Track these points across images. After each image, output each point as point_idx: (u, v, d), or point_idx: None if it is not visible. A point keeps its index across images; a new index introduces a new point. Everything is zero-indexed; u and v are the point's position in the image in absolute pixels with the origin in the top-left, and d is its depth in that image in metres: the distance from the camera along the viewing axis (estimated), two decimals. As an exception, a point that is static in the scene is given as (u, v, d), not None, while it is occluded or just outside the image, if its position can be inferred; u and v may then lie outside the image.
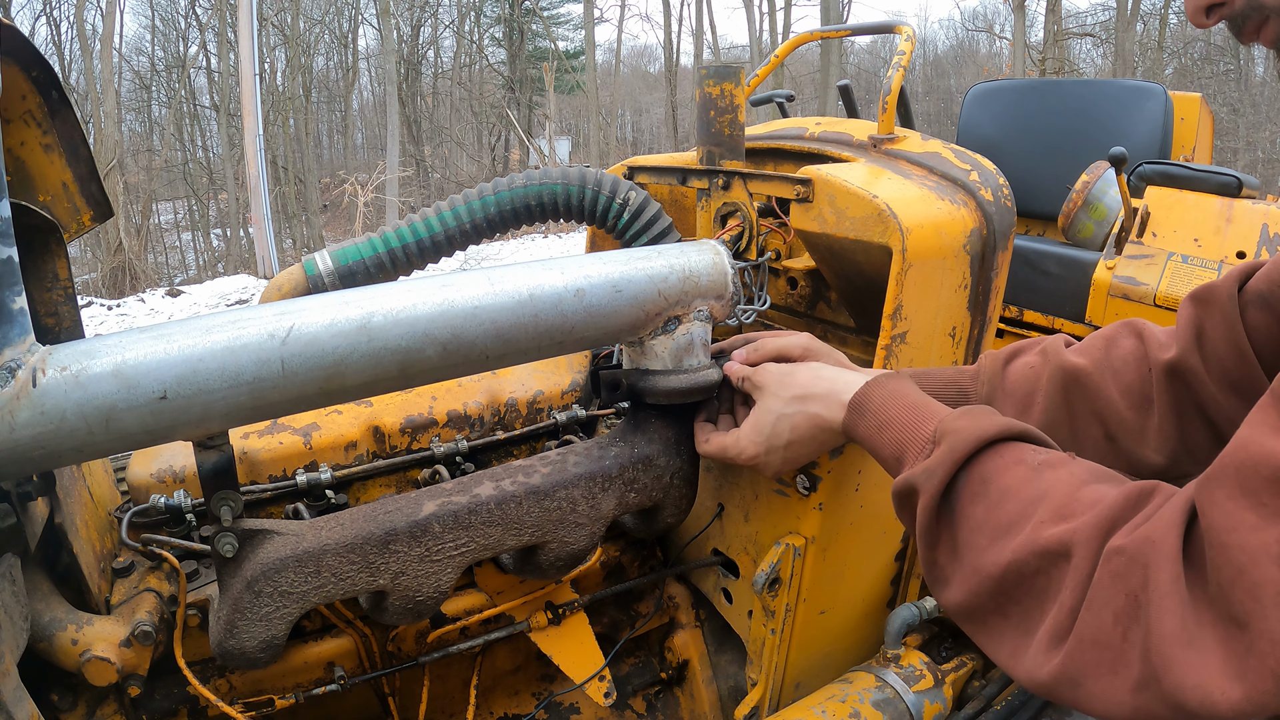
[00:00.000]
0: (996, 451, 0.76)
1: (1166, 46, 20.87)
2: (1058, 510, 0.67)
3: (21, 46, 0.87)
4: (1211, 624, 0.52)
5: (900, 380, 0.93)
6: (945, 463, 0.76)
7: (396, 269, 1.23)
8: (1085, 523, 0.64)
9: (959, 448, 0.76)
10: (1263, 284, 0.89)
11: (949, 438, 0.78)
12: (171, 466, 1.18)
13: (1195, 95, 3.71)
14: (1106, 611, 0.58)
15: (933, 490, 0.76)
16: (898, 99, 1.56)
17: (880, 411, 0.90)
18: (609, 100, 24.35)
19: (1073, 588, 0.62)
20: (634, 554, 1.55)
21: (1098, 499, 0.66)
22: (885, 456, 0.89)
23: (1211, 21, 0.71)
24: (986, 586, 0.70)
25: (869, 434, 0.91)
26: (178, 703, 1.14)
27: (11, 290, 0.71)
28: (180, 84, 21.08)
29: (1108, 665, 0.57)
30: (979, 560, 0.71)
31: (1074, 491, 0.68)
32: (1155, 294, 2.50)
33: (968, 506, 0.74)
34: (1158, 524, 0.58)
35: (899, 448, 0.86)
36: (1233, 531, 0.52)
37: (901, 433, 0.86)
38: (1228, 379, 0.88)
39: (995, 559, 0.69)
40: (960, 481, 0.75)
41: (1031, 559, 0.66)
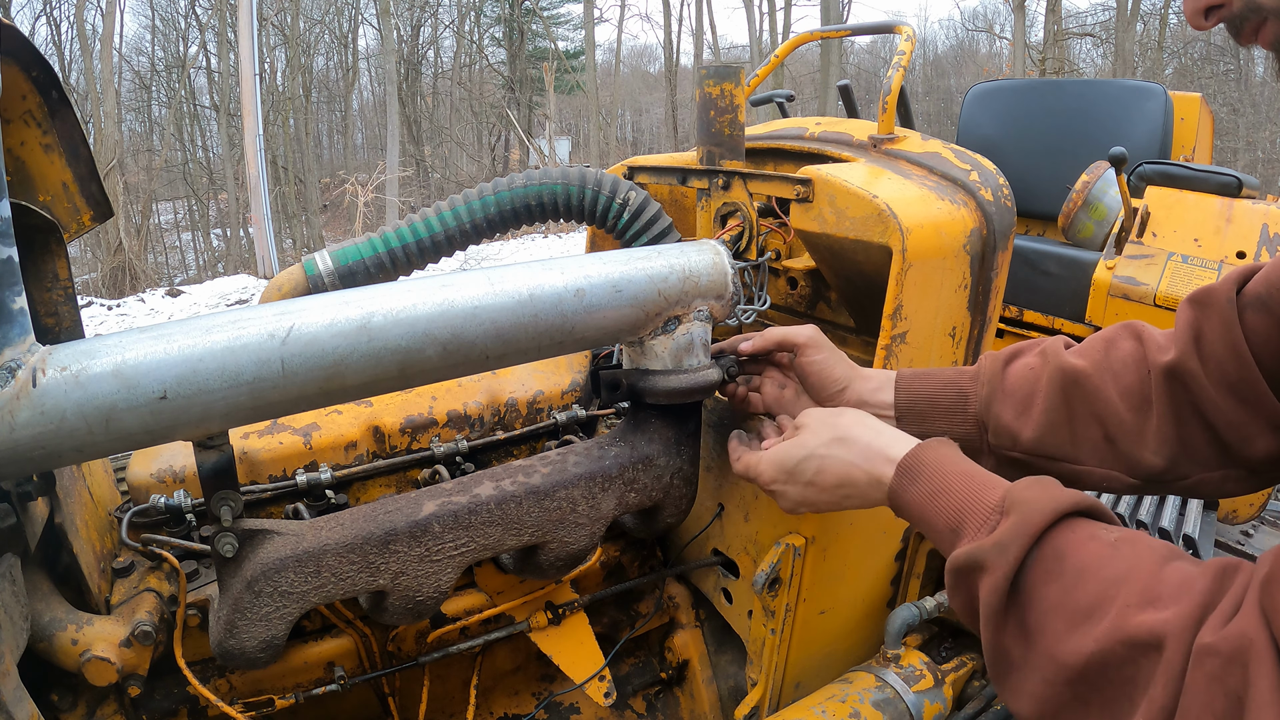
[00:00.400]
0: (1069, 526, 0.71)
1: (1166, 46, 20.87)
2: (1143, 594, 0.63)
3: (21, 46, 0.87)
4: None
5: (950, 446, 0.88)
6: (1020, 536, 0.70)
7: (396, 269, 1.23)
8: (1178, 613, 0.60)
9: (1034, 520, 0.70)
10: (1261, 287, 0.88)
11: (1020, 508, 0.72)
12: (171, 466, 1.18)
13: (1195, 95, 3.71)
14: (1207, 715, 0.55)
15: (1006, 567, 0.69)
16: (898, 99, 1.56)
17: (935, 477, 0.84)
18: (609, 100, 24.35)
19: (1165, 683, 0.58)
20: (634, 554, 1.55)
21: (1184, 580, 0.62)
22: (939, 528, 0.82)
23: (1210, 23, 0.70)
24: (1064, 676, 0.65)
25: (920, 501, 0.84)
26: (178, 703, 1.14)
27: (11, 290, 0.71)
28: (180, 84, 21.08)
29: None
30: (1056, 648, 0.66)
31: (1157, 572, 0.64)
32: (1155, 294, 2.50)
33: (1041, 586, 0.68)
34: (1250, 619, 0.55)
35: (957, 518, 0.79)
36: None
37: (960, 501, 0.79)
38: (1226, 381, 0.88)
39: (1077, 648, 0.64)
40: (1032, 558, 0.70)
41: (1119, 648, 0.62)
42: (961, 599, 0.76)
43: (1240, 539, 1.98)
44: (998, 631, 0.70)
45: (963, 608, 0.76)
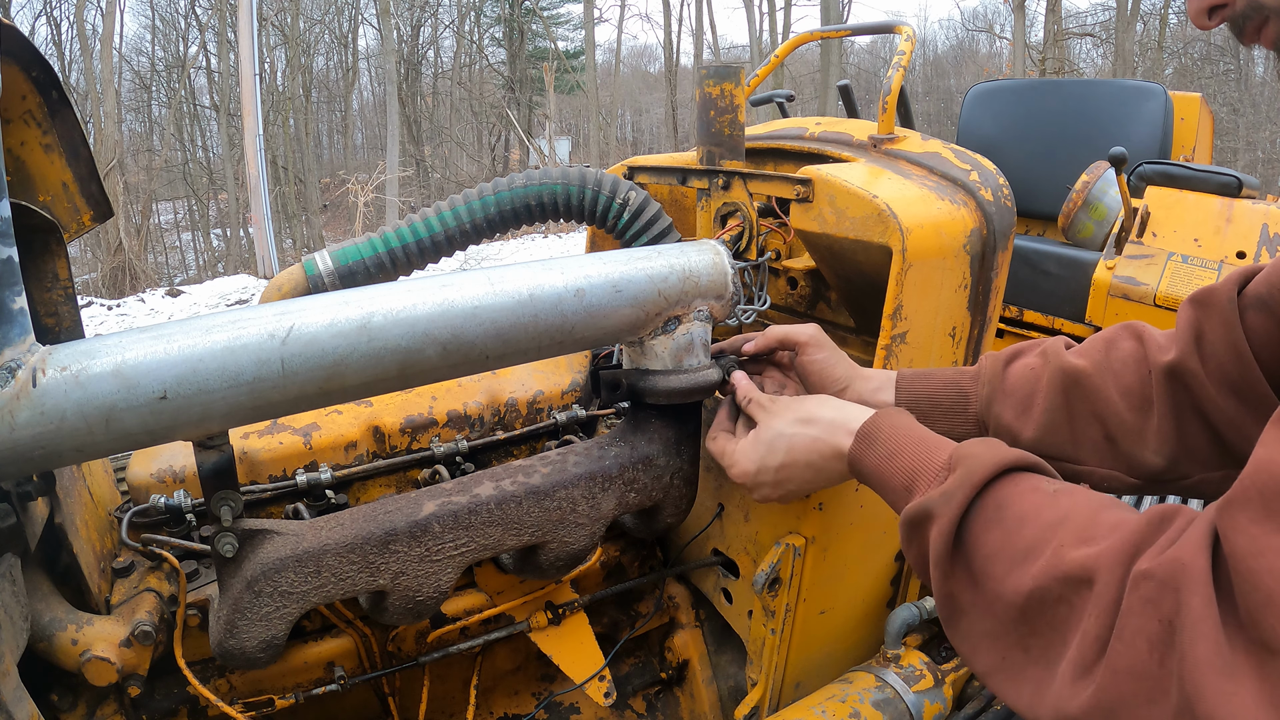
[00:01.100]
0: (1011, 479, 0.75)
1: (1166, 46, 20.87)
2: (1078, 534, 0.65)
3: (21, 46, 0.87)
4: (1244, 651, 0.51)
5: (907, 415, 0.92)
6: (963, 486, 0.74)
7: (396, 269, 1.23)
8: (1109, 547, 0.62)
9: (976, 472, 0.74)
10: (1262, 287, 0.89)
11: (965, 463, 0.77)
12: (171, 466, 1.18)
13: (1195, 95, 3.71)
14: (1140, 639, 0.56)
15: (950, 515, 0.73)
16: (898, 99, 1.56)
17: (890, 440, 0.88)
18: (609, 100, 24.36)
19: (1097, 615, 0.60)
20: (634, 554, 1.55)
21: (1119, 522, 0.64)
22: (894, 486, 0.86)
23: (1214, 23, 0.71)
24: (1009, 616, 0.68)
25: (877, 463, 0.89)
26: (178, 703, 1.14)
27: (11, 290, 0.70)
28: (180, 84, 21.09)
29: (1145, 695, 0.55)
30: (999, 588, 0.69)
31: (1094, 515, 0.67)
32: (1155, 294, 2.50)
33: (984, 533, 0.72)
34: (1185, 546, 0.57)
35: (910, 476, 0.83)
36: (1259, 556, 0.51)
37: (913, 461, 0.84)
38: (1227, 381, 0.88)
39: (1016, 586, 0.67)
40: (975, 508, 0.74)
41: (1054, 585, 0.64)
42: (915, 551, 0.80)
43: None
44: (946, 577, 0.74)
45: (917, 560, 0.80)
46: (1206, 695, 0.51)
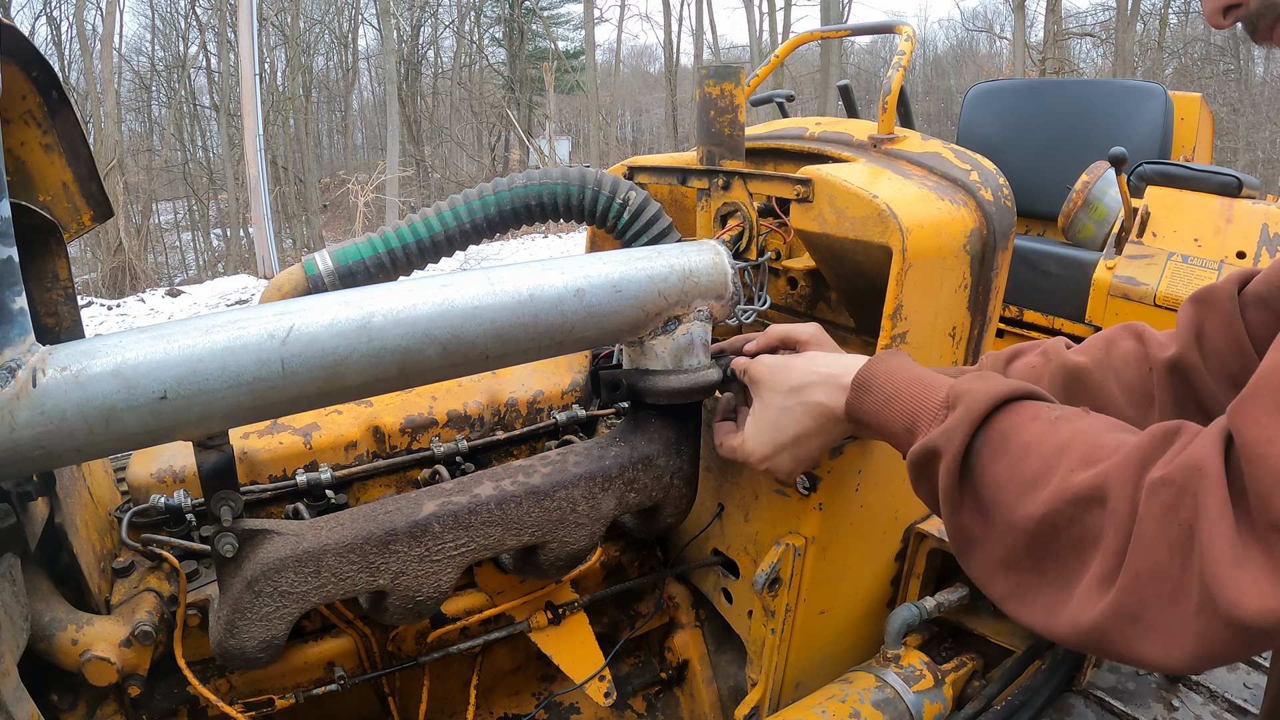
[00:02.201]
0: (1012, 409, 0.75)
1: (1166, 46, 20.87)
2: (1084, 458, 0.66)
3: (21, 46, 0.87)
4: (1255, 537, 0.53)
5: (900, 356, 0.92)
6: (964, 422, 0.75)
7: (396, 269, 1.23)
8: (1116, 464, 0.63)
9: (976, 407, 0.75)
10: (1261, 286, 0.90)
11: (964, 399, 0.77)
12: (171, 466, 1.18)
13: (1195, 95, 3.72)
14: (1161, 544, 0.57)
15: (955, 450, 0.74)
16: (898, 99, 1.56)
17: (886, 385, 0.88)
18: (609, 100, 24.35)
19: (1115, 529, 0.61)
20: (634, 554, 1.55)
21: (1121, 443, 0.65)
22: (895, 430, 0.86)
23: (1228, 22, 0.72)
24: (1021, 543, 0.68)
25: (876, 409, 0.88)
26: (178, 703, 1.14)
27: (11, 290, 0.70)
28: (180, 84, 21.08)
29: (1168, 597, 0.56)
30: (1009, 517, 0.69)
31: (1097, 439, 0.68)
32: (1155, 294, 2.50)
33: (989, 465, 0.73)
34: (1200, 449, 0.58)
35: (910, 418, 0.84)
36: (1269, 443, 0.53)
37: (911, 403, 0.84)
38: (1228, 375, 0.89)
39: (1027, 513, 0.68)
40: (979, 441, 0.74)
41: (1065, 508, 0.65)
42: (925, 489, 0.80)
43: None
44: (956, 510, 0.75)
45: (928, 497, 0.80)
46: (1224, 587, 0.52)
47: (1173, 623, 0.56)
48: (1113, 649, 0.60)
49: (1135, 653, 0.59)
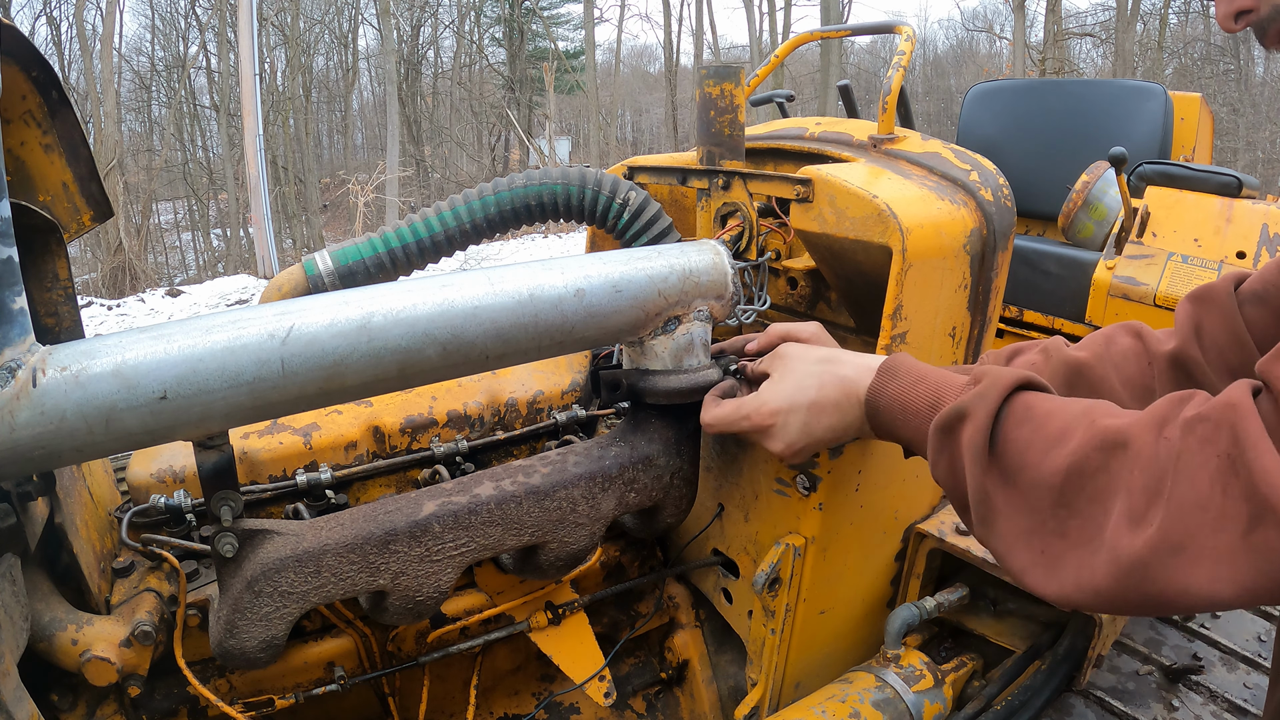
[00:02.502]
0: (1032, 392, 0.78)
1: (1166, 46, 20.86)
2: (1108, 411, 0.69)
3: (21, 46, 0.87)
4: None
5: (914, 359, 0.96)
6: (995, 388, 0.77)
7: (396, 269, 1.23)
8: (1138, 418, 0.66)
9: (1004, 379, 0.77)
10: (1258, 284, 0.93)
11: (990, 375, 0.79)
12: (171, 466, 1.18)
13: (1195, 95, 3.71)
14: (1202, 474, 0.59)
15: (986, 410, 0.75)
16: (898, 99, 1.56)
17: (913, 371, 0.90)
18: (609, 100, 24.35)
19: (1141, 468, 0.63)
20: (634, 554, 1.55)
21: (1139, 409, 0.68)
22: (919, 407, 0.87)
23: (1239, 27, 0.74)
24: (1046, 502, 0.70)
25: (902, 390, 0.89)
26: (178, 703, 1.14)
27: (11, 290, 0.70)
28: (180, 84, 21.08)
29: (1211, 525, 0.58)
30: (1035, 475, 0.71)
31: (1114, 407, 0.71)
32: (1155, 294, 2.50)
33: (1014, 430, 0.74)
34: (1231, 394, 0.60)
35: (934, 395, 0.85)
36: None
37: (937, 383, 0.86)
38: (1229, 368, 0.91)
39: (1053, 467, 0.69)
40: (1004, 410, 0.76)
41: (1092, 455, 0.67)
42: (946, 460, 0.80)
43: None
44: (983, 472, 0.75)
45: (947, 469, 0.80)
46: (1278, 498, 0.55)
47: (1220, 549, 0.57)
48: (1155, 584, 0.61)
49: (1181, 583, 0.59)
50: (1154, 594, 0.61)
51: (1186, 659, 1.47)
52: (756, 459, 1.30)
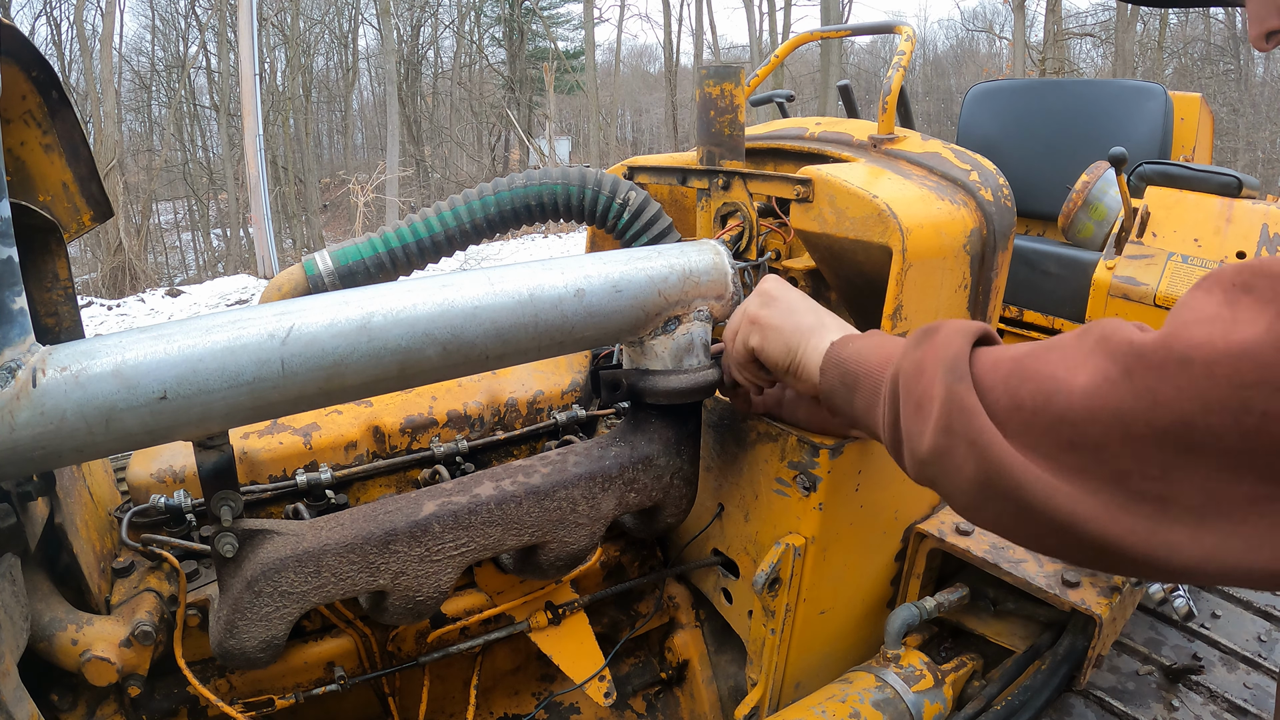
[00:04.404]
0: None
1: (1166, 46, 20.87)
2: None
3: (21, 46, 0.87)
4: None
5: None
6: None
7: (396, 269, 1.23)
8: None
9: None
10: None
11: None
12: (171, 466, 1.18)
13: (1195, 95, 3.71)
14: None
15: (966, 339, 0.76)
16: (898, 99, 1.56)
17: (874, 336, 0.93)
18: (609, 100, 24.35)
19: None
20: (634, 554, 1.55)
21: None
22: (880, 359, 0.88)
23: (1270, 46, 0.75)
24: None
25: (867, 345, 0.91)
26: (178, 703, 1.14)
27: (11, 290, 0.71)
28: (180, 84, 21.08)
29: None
30: None
31: None
32: (1155, 294, 2.50)
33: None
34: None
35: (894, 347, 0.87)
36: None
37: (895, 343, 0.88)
38: None
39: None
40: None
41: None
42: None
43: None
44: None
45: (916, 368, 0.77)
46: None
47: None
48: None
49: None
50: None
51: (1186, 659, 1.47)
52: (756, 459, 1.30)
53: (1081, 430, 0.57)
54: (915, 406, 0.73)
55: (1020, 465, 0.61)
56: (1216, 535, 0.52)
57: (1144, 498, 0.54)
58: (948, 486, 0.69)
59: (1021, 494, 0.61)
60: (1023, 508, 0.61)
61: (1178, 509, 0.53)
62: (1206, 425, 0.50)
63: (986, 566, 1.34)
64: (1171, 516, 0.53)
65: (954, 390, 0.67)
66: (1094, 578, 1.31)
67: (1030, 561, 1.34)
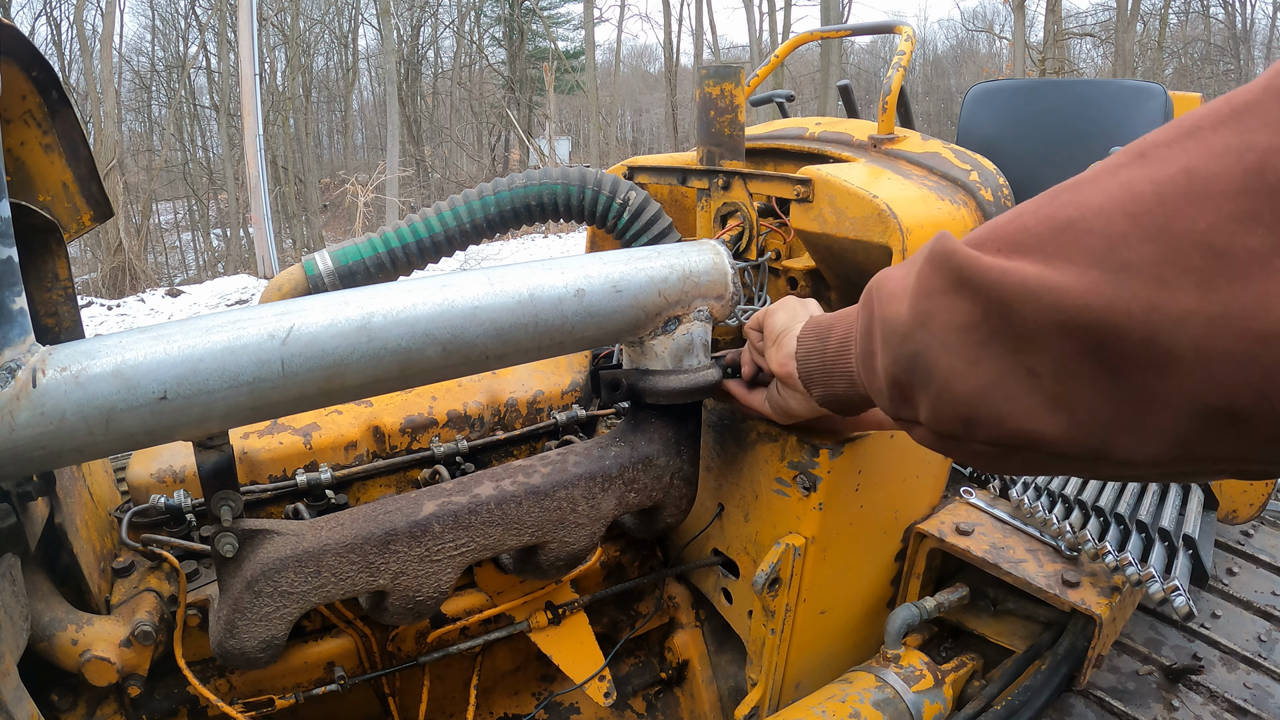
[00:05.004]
0: None
1: (1166, 46, 20.87)
2: None
3: (21, 46, 0.87)
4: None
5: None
6: None
7: (396, 269, 1.23)
8: None
9: None
10: None
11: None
12: (171, 466, 1.18)
13: (1195, 95, 3.71)
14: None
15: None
16: (898, 99, 1.56)
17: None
18: (609, 100, 24.34)
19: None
20: (634, 554, 1.55)
21: None
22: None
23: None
24: None
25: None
26: (178, 703, 1.14)
27: (11, 290, 0.70)
28: (180, 84, 21.08)
29: None
30: None
31: None
32: (1155, 294, 2.50)
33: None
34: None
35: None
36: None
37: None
38: None
39: None
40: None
41: None
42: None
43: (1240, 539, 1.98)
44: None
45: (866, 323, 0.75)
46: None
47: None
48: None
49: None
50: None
51: (1186, 659, 1.47)
52: (756, 459, 1.30)
53: (1081, 223, 0.51)
54: (889, 296, 0.68)
55: (1004, 267, 0.54)
56: (1223, 297, 0.45)
57: (1138, 268, 0.48)
58: (935, 352, 0.62)
59: (1006, 295, 0.54)
60: (1012, 320, 0.54)
61: (1174, 271, 0.46)
62: (1209, 170, 0.45)
63: (986, 566, 1.34)
64: (1172, 285, 0.46)
65: (932, 250, 0.61)
66: (1094, 577, 1.31)
67: (1030, 561, 1.34)
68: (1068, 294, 0.50)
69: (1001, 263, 0.54)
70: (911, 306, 0.64)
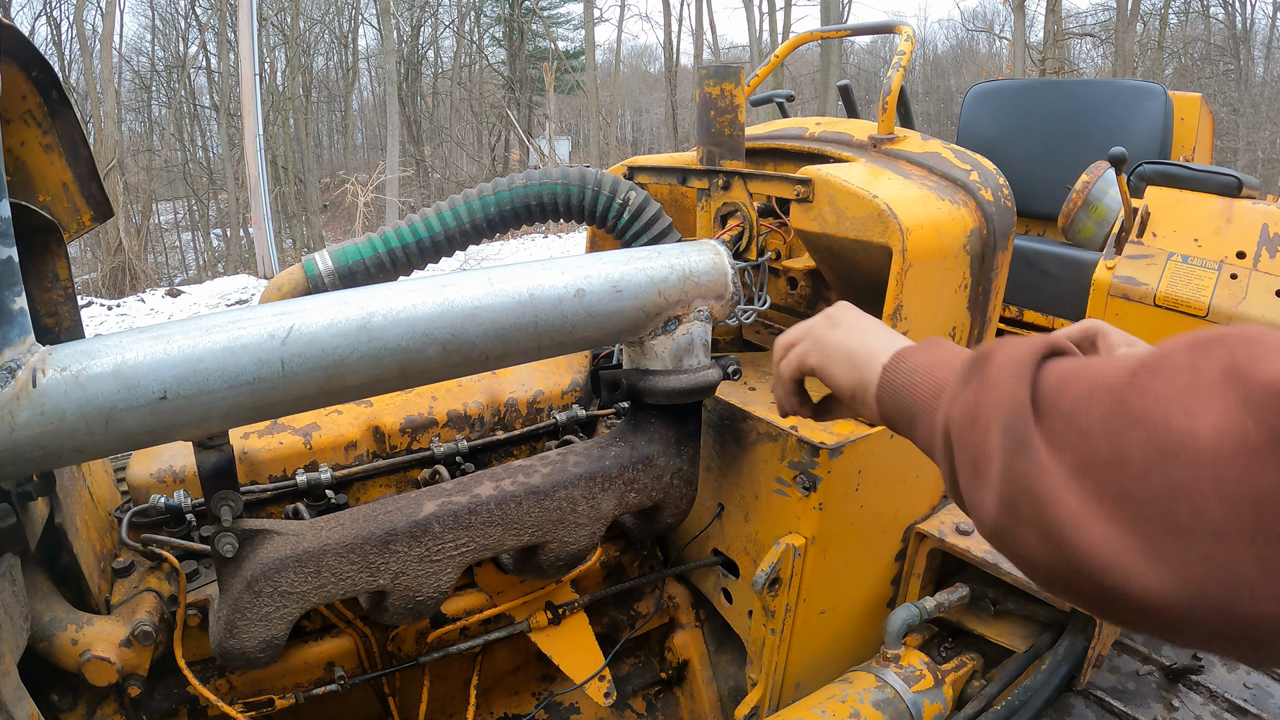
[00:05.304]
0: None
1: (1166, 46, 20.87)
2: None
3: (21, 46, 0.87)
4: None
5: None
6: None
7: (396, 269, 1.23)
8: None
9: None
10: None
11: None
12: (171, 466, 1.18)
13: (1195, 95, 3.71)
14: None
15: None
16: (898, 99, 1.56)
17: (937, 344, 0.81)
18: (609, 100, 24.34)
19: None
20: (634, 554, 1.55)
21: None
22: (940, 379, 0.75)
23: None
24: None
25: (920, 358, 0.78)
26: (178, 703, 1.14)
27: (11, 290, 0.70)
28: (180, 84, 21.08)
29: None
30: None
31: None
32: (1155, 294, 2.50)
33: None
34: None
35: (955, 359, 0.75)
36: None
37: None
38: None
39: None
40: None
41: None
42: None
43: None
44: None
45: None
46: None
47: None
48: None
49: None
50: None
51: (1186, 659, 1.47)
52: (756, 459, 1.30)
53: (1199, 508, 0.42)
54: (972, 469, 0.61)
55: (1107, 551, 0.47)
56: None
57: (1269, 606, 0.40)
58: (1019, 564, 0.57)
59: (1105, 581, 0.48)
60: (1104, 593, 0.49)
61: None
62: None
63: (986, 566, 1.34)
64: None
65: (1014, 465, 0.54)
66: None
67: (1030, 561, 1.34)
68: (1173, 600, 0.45)
69: (1108, 544, 0.48)
70: (995, 521, 0.57)
